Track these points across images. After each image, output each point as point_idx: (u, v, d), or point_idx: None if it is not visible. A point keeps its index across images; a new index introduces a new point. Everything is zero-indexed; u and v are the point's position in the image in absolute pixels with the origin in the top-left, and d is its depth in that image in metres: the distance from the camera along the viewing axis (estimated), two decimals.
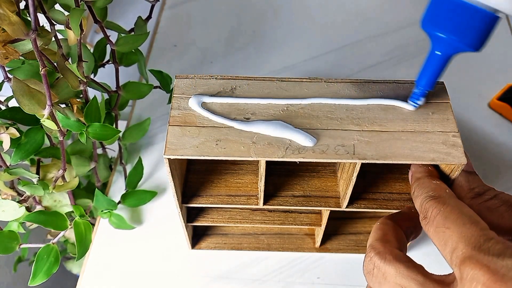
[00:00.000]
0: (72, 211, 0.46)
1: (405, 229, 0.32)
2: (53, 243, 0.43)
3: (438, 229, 0.28)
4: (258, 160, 0.34)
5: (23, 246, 0.43)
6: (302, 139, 0.33)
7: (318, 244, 0.48)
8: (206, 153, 0.32)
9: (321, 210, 0.44)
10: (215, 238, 0.50)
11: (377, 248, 0.30)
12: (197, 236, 0.50)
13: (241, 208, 0.45)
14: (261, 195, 0.39)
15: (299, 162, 0.33)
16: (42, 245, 0.42)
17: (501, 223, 0.32)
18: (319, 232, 0.47)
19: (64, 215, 0.45)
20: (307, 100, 0.35)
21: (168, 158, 0.32)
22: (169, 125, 0.34)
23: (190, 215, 0.45)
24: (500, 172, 0.55)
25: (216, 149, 0.32)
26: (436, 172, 0.34)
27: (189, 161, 0.43)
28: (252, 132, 0.33)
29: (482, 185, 0.34)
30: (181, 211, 0.40)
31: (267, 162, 0.34)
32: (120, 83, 0.48)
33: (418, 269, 0.28)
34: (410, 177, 0.35)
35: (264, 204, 0.40)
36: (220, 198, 0.40)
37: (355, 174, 0.34)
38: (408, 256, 0.30)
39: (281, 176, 0.42)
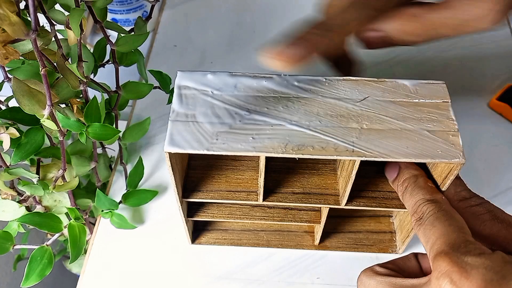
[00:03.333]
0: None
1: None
2: (47, 245, 0.43)
3: (426, 227, 0.31)
4: (258, 156, 0.34)
5: (17, 247, 0.43)
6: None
7: (317, 241, 0.48)
8: (206, 148, 0.32)
9: (320, 208, 0.45)
10: (215, 234, 0.50)
11: (364, 270, 0.34)
12: (197, 231, 0.50)
13: (241, 204, 0.45)
14: (261, 191, 0.39)
15: (298, 158, 0.33)
16: (36, 246, 0.42)
17: (481, 230, 0.33)
18: (318, 230, 0.47)
19: (59, 217, 0.45)
20: (307, 96, 0.35)
21: (168, 153, 0.33)
22: (170, 120, 0.34)
23: (191, 210, 0.45)
24: (499, 172, 0.55)
25: (216, 144, 0.33)
26: (424, 172, 0.36)
27: (190, 157, 0.43)
28: (252, 128, 0.33)
29: (468, 190, 0.36)
30: (181, 205, 0.40)
31: (267, 158, 0.34)
32: (120, 83, 0.48)
33: (396, 276, 0.32)
34: (393, 174, 0.37)
35: (263, 200, 0.40)
36: (220, 193, 0.41)
37: (354, 172, 0.35)
38: (390, 270, 0.33)
39: (281, 173, 0.42)
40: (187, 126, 0.34)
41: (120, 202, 0.51)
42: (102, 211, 0.50)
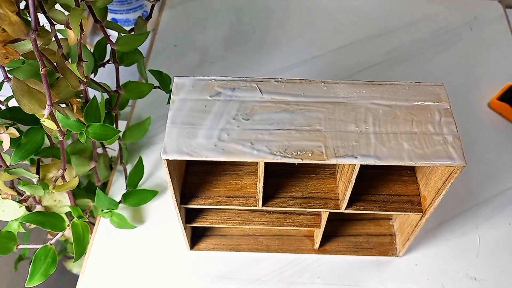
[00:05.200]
0: None
1: None
2: (51, 244, 0.42)
3: None
4: (257, 161, 0.34)
5: (20, 246, 0.43)
6: None
7: (317, 245, 0.48)
8: (204, 154, 0.32)
9: (320, 212, 0.44)
10: (214, 239, 0.50)
11: None
12: (196, 237, 0.50)
13: (240, 209, 0.45)
14: (260, 196, 0.39)
15: (297, 163, 0.33)
16: (39, 246, 0.42)
17: None
18: (318, 234, 0.46)
19: (62, 216, 0.45)
20: (306, 101, 0.35)
21: (166, 159, 0.32)
22: (167, 126, 0.34)
23: (189, 216, 0.45)
24: (499, 172, 0.55)
25: (215, 150, 0.32)
26: None
27: (188, 162, 0.43)
28: (251, 133, 0.33)
29: None
30: (179, 212, 0.40)
31: (266, 163, 0.34)
32: (120, 83, 0.48)
33: None
34: None
35: (263, 205, 0.40)
36: (218, 199, 0.40)
37: (354, 176, 0.34)
38: None
39: (280, 178, 0.42)
40: (185, 132, 0.33)
41: (120, 201, 0.51)
42: (102, 210, 0.50)
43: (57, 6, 0.40)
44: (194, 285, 0.47)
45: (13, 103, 0.41)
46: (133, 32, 0.47)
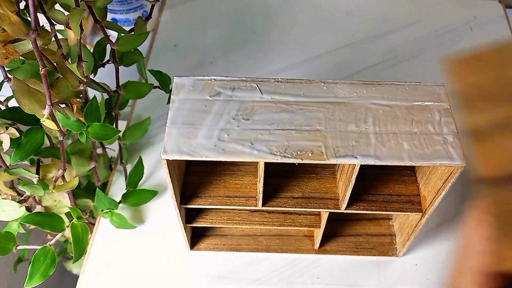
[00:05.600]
0: None
1: None
2: (50, 245, 0.42)
3: None
4: (257, 161, 0.34)
5: (19, 247, 0.43)
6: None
7: (317, 245, 0.48)
8: (204, 154, 0.32)
9: (320, 212, 0.44)
10: (214, 239, 0.50)
11: None
12: (196, 237, 0.50)
13: (240, 209, 0.45)
14: (260, 196, 0.39)
15: (297, 163, 0.33)
16: (39, 247, 0.42)
17: None
18: (318, 234, 0.47)
19: (62, 216, 0.45)
20: (306, 101, 0.35)
21: (166, 159, 0.32)
22: (167, 126, 0.34)
23: (189, 216, 0.45)
24: None
25: (214, 150, 0.32)
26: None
27: (188, 162, 0.43)
28: (251, 133, 0.33)
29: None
30: (179, 212, 0.40)
31: (266, 163, 0.34)
32: (120, 83, 0.48)
33: None
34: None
35: (263, 205, 0.40)
36: (219, 199, 0.40)
37: (354, 176, 0.34)
38: None
39: (280, 178, 0.42)
40: (185, 132, 0.33)
41: (120, 201, 0.51)
42: (102, 210, 0.50)
43: (57, 6, 0.40)
44: (194, 285, 0.47)
45: (13, 103, 0.41)
46: (133, 32, 0.47)
